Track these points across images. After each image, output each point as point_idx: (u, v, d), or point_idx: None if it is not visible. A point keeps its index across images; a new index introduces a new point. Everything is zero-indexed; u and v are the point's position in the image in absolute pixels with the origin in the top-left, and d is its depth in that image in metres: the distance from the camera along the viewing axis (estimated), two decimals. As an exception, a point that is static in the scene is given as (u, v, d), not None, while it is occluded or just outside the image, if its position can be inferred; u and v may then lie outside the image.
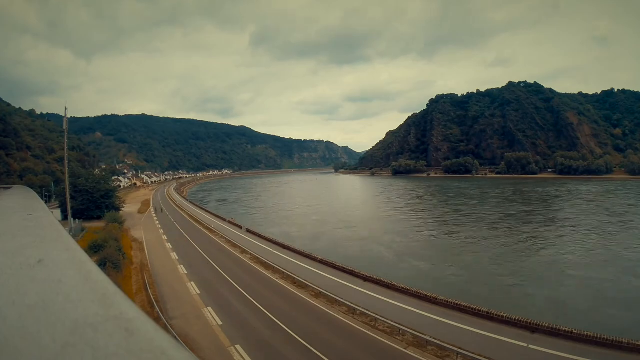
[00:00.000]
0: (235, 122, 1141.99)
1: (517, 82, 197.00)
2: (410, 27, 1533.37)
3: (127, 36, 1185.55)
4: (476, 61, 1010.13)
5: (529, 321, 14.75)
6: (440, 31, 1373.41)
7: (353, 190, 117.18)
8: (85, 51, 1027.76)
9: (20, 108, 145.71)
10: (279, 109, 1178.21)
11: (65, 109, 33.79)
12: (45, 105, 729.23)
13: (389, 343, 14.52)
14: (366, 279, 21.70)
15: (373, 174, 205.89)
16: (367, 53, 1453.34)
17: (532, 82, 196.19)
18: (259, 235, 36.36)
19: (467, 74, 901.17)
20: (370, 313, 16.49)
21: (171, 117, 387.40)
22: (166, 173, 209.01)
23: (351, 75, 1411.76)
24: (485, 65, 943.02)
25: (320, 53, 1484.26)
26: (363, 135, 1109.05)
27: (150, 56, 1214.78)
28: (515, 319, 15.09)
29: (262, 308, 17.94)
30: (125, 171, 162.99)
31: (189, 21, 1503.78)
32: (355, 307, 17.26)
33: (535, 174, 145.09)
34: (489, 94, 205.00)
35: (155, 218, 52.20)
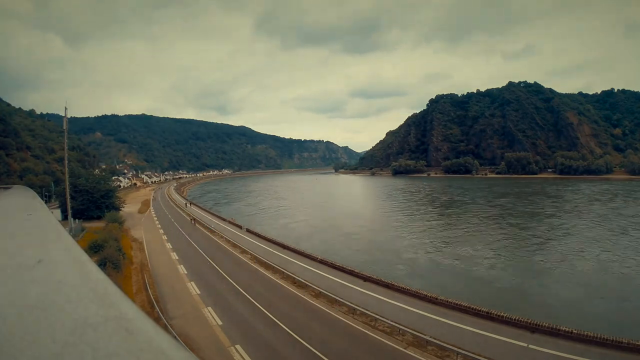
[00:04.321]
0: (234, 119, 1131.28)
1: (517, 82, 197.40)
2: (434, 12, 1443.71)
3: (125, 22, 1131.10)
4: (500, 52, 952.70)
5: (529, 321, 14.75)
6: (465, 16, 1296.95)
7: (367, 195, 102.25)
8: (80, 41, 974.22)
9: (20, 108, 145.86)
10: (280, 106, 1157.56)
11: (65, 108, 33.78)
12: (39, 100, 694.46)
13: (389, 343, 14.51)
14: (366, 279, 21.69)
15: (373, 174, 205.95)
16: (386, 39, 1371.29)
17: (556, 75, 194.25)
18: (259, 235, 36.35)
19: (489, 67, 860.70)
20: (370, 313, 16.49)
21: (171, 116, 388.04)
22: (166, 173, 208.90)
23: (363, 67, 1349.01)
24: (510, 57, 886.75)
25: (334, 40, 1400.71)
26: (364, 135, 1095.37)
27: (149, 46, 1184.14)
28: (515, 319, 15.09)
29: (262, 308, 17.94)
30: (125, 171, 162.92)
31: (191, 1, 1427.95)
32: (355, 307, 17.26)
33: (536, 174, 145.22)
34: (489, 94, 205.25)
35: (155, 218, 52.19)
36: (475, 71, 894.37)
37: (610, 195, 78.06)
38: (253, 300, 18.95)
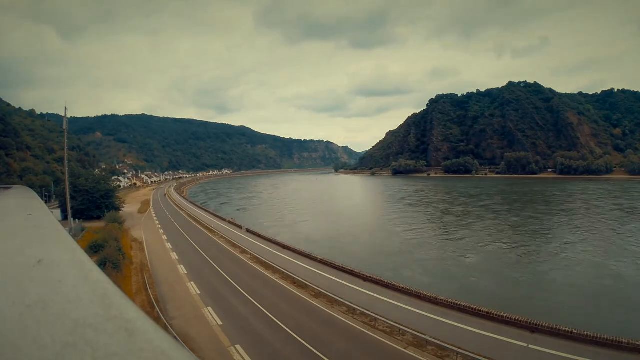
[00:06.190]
0: (235, 118, 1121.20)
1: (517, 82, 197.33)
2: (446, 5, 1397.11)
3: (123, 15, 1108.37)
4: (512, 49, 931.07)
5: (529, 321, 14.75)
6: (477, 11, 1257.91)
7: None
8: (78, 36, 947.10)
9: (20, 108, 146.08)
10: (280, 104, 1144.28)
11: (65, 108, 33.81)
12: (38, 99, 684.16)
13: (389, 343, 14.51)
14: (366, 279, 21.69)
15: (373, 174, 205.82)
16: (394, 34, 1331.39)
17: (563, 73, 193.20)
18: (259, 235, 36.35)
19: (499, 64, 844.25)
20: (370, 313, 16.48)
21: (171, 115, 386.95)
22: (166, 173, 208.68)
23: (368, 63, 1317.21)
24: (520, 54, 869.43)
25: (341, 34, 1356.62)
26: (365, 135, 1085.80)
27: (149, 41, 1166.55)
28: (515, 319, 15.09)
29: (262, 308, 17.93)
30: (125, 171, 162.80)
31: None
32: (355, 307, 17.26)
33: (536, 174, 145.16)
34: (489, 94, 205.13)
35: (156, 218, 52.19)
36: (484, 68, 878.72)
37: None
38: (253, 300, 18.95)
